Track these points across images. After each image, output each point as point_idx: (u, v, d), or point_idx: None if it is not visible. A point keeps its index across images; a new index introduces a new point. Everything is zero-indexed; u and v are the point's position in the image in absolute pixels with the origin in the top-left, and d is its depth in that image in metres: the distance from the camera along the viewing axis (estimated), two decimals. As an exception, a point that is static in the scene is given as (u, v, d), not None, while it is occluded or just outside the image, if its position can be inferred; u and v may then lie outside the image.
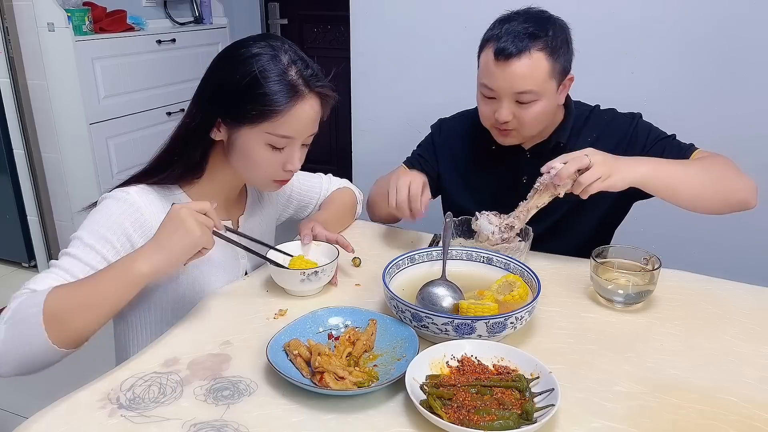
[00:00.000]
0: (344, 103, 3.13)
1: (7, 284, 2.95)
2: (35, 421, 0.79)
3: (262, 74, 1.01)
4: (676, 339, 0.98)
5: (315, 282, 1.10)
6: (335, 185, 1.48)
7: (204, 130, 1.07)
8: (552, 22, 1.24)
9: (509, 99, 1.23)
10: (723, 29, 1.92)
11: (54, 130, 2.77)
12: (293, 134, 1.06)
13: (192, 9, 3.43)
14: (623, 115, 1.37)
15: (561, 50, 1.23)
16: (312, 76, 1.05)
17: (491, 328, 0.90)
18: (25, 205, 2.91)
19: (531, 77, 1.20)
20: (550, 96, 1.25)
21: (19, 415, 2.00)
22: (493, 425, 0.74)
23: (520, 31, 1.20)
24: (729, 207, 1.22)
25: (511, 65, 1.20)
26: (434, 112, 1.59)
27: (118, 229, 1.03)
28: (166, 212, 1.09)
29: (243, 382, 0.86)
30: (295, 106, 1.03)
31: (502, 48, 1.20)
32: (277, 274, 1.12)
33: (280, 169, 1.09)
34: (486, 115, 1.30)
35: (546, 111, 1.26)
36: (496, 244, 1.19)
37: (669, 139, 1.32)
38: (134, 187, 1.08)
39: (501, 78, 1.22)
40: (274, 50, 1.04)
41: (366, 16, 2.35)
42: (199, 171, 1.12)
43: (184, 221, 0.92)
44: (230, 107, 1.04)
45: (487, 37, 1.26)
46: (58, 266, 0.99)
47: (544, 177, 1.15)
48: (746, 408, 0.82)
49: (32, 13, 2.60)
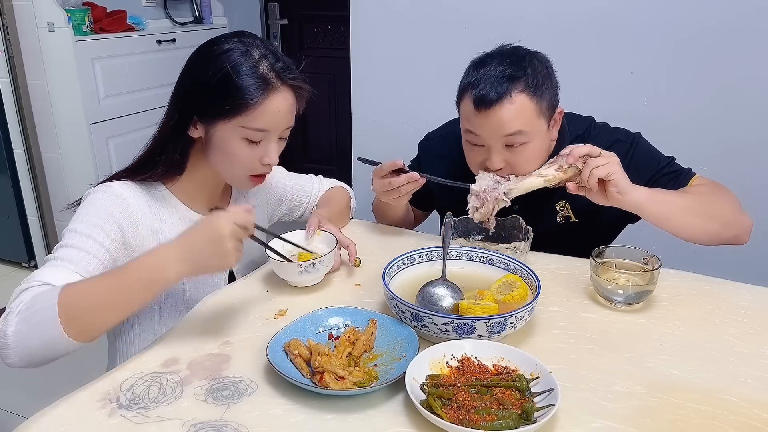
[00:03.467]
0: (344, 103, 3.13)
1: (7, 284, 2.95)
2: (35, 421, 0.79)
3: (234, 69, 1.03)
4: (676, 339, 0.98)
5: (313, 273, 1.11)
6: (326, 185, 1.48)
7: (181, 128, 1.09)
8: (528, 59, 1.18)
9: (499, 145, 1.18)
10: (723, 29, 1.92)
11: (54, 130, 2.77)
12: (268, 127, 1.07)
13: (192, 9, 3.43)
14: (621, 142, 1.31)
15: (543, 87, 1.17)
16: (283, 68, 1.06)
17: (491, 328, 0.90)
18: (25, 204, 2.91)
19: (517, 121, 1.15)
20: (542, 135, 1.20)
21: (19, 415, 2.00)
22: (493, 425, 0.74)
23: (497, 75, 1.15)
24: (720, 242, 1.22)
25: (494, 113, 1.14)
26: (434, 111, 1.59)
27: (108, 217, 1.04)
28: (149, 205, 1.10)
29: (243, 382, 0.86)
30: (268, 99, 1.05)
31: (481, 96, 1.14)
32: (277, 266, 1.13)
33: (257, 163, 1.10)
34: (475, 164, 1.25)
35: (540, 152, 1.22)
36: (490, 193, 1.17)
37: (667, 165, 1.29)
38: (116, 182, 1.10)
39: (486, 126, 1.17)
40: (245, 45, 1.05)
41: (366, 16, 2.35)
42: (180, 169, 1.13)
43: (223, 242, 0.89)
44: (204, 104, 1.06)
45: (464, 86, 1.21)
46: (60, 258, 0.98)
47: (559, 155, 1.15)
48: (746, 408, 0.82)
49: (32, 13, 2.60)
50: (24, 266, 3.07)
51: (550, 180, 1.16)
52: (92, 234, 1.01)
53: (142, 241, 1.09)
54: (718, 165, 1.80)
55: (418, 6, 2.26)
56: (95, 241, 1.01)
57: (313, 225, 1.21)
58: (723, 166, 1.30)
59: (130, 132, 2.93)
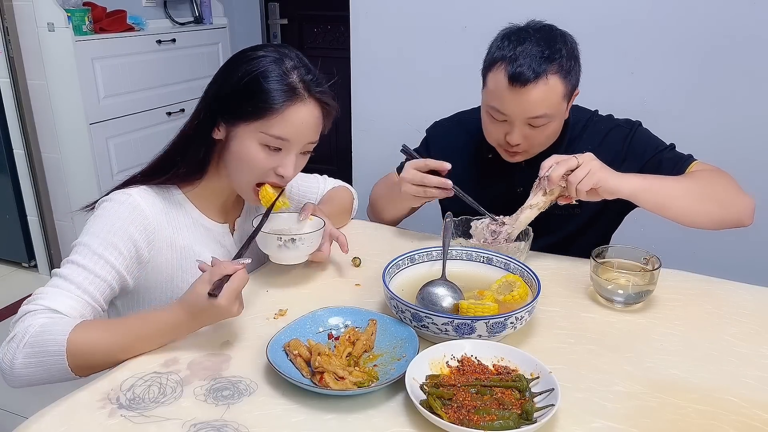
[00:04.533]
0: (344, 103, 3.13)
1: (7, 284, 2.95)
2: (35, 421, 0.79)
3: (263, 74, 1.03)
4: (676, 339, 0.98)
5: (293, 250, 1.11)
6: (331, 185, 1.48)
7: (206, 128, 1.08)
8: (562, 39, 1.20)
9: (521, 123, 1.20)
10: (723, 29, 1.92)
11: (54, 130, 2.77)
12: (288, 136, 1.05)
13: (192, 9, 3.42)
14: (621, 127, 1.33)
15: (573, 69, 1.19)
16: (312, 81, 1.06)
17: (491, 328, 0.90)
18: (25, 205, 2.91)
19: (546, 102, 1.17)
20: (561, 115, 1.23)
21: (19, 415, 2.00)
22: (493, 425, 0.74)
23: (536, 54, 1.15)
24: (723, 225, 1.21)
25: (528, 91, 1.15)
26: (434, 111, 1.59)
27: (123, 234, 1.03)
28: (166, 214, 1.09)
29: (243, 382, 0.86)
30: (292, 108, 1.04)
31: (519, 73, 1.14)
32: (260, 239, 1.12)
33: (271, 172, 1.08)
34: (494, 137, 1.27)
35: (557, 130, 1.25)
36: (492, 243, 1.19)
37: (666, 151, 1.29)
38: (135, 189, 1.08)
39: (515, 104, 1.17)
40: (279, 55, 1.06)
41: (366, 16, 2.35)
42: (201, 171, 1.12)
43: (231, 313, 0.92)
44: (229, 104, 1.05)
45: (496, 58, 1.19)
46: (65, 278, 0.98)
47: (538, 178, 1.15)
48: (746, 408, 0.82)
49: (32, 13, 2.60)
50: (24, 266, 3.07)
51: (542, 207, 1.18)
52: (104, 254, 1.00)
53: (157, 252, 1.09)
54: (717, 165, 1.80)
55: (418, 6, 2.26)
56: (106, 262, 1.00)
57: (307, 209, 1.21)
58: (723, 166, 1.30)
59: (130, 132, 2.93)
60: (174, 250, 1.11)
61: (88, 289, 0.98)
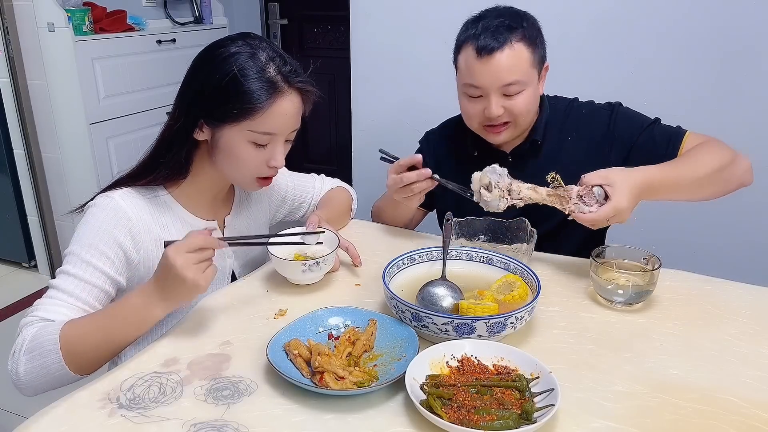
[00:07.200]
0: (344, 103, 3.13)
1: (7, 284, 2.95)
2: (35, 421, 0.79)
3: (242, 72, 1.02)
4: (676, 339, 0.98)
5: (316, 271, 1.12)
6: (328, 185, 1.48)
7: (187, 131, 1.08)
8: (523, 15, 1.26)
9: (497, 94, 1.24)
10: (723, 29, 1.92)
11: (54, 130, 2.77)
12: (275, 130, 1.07)
13: (192, 9, 3.43)
14: (601, 109, 1.36)
15: (537, 40, 1.25)
16: (291, 72, 1.06)
17: (491, 328, 0.90)
18: (25, 205, 2.91)
19: (516, 67, 1.21)
20: (534, 85, 1.26)
21: (19, 415, 2.00)
22: (493, 425, 0.74)
23: (497, 25, 1.22)
24: (727, 192, 1.26)
25: (495, 58, 1.20)
26: (434, 111, 1.59)
27: (109, 239, 1.04)
28: (151, 214, 1.10)
29: (243, 382, 0.86)
30: (276, 103, 1.04)
31: (484, 44, 1.21)
32: (279, 265, 1.13)
33: (264, 166, 1.10)
34: (473, 115, 1.29)
35: (534, 99, 1.28)
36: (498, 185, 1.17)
37: (655, 126, 1.31)
38: (118, 191, 1.09)
39: (486, 73, 1.22)
40: (251, 48, 1.05)
41: (366, 16, 2.35)
42: (184, 172, 1.13)
43: (179, 273, 0.90)
44: (212, 108, 1.05)
45: (462, 40, 1.27)
46: (59, 288, 1.00)
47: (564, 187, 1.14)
48: (746, 408, 0.82)
49: (32, 13, 2.60)
50: (24, 266, 3.07)
51: (539, 199, 1.14)
52: (92, 260, 1.02)
53: (146, 254, 1.09)
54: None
55: (418, 6, 2.26)
56: (95, 269, 1.02)
57: (313, 223, 1.21)
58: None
59: (130, 132, 2.93)
60: (162, 248, 1.11)
61: (80, 296, 1.00)
